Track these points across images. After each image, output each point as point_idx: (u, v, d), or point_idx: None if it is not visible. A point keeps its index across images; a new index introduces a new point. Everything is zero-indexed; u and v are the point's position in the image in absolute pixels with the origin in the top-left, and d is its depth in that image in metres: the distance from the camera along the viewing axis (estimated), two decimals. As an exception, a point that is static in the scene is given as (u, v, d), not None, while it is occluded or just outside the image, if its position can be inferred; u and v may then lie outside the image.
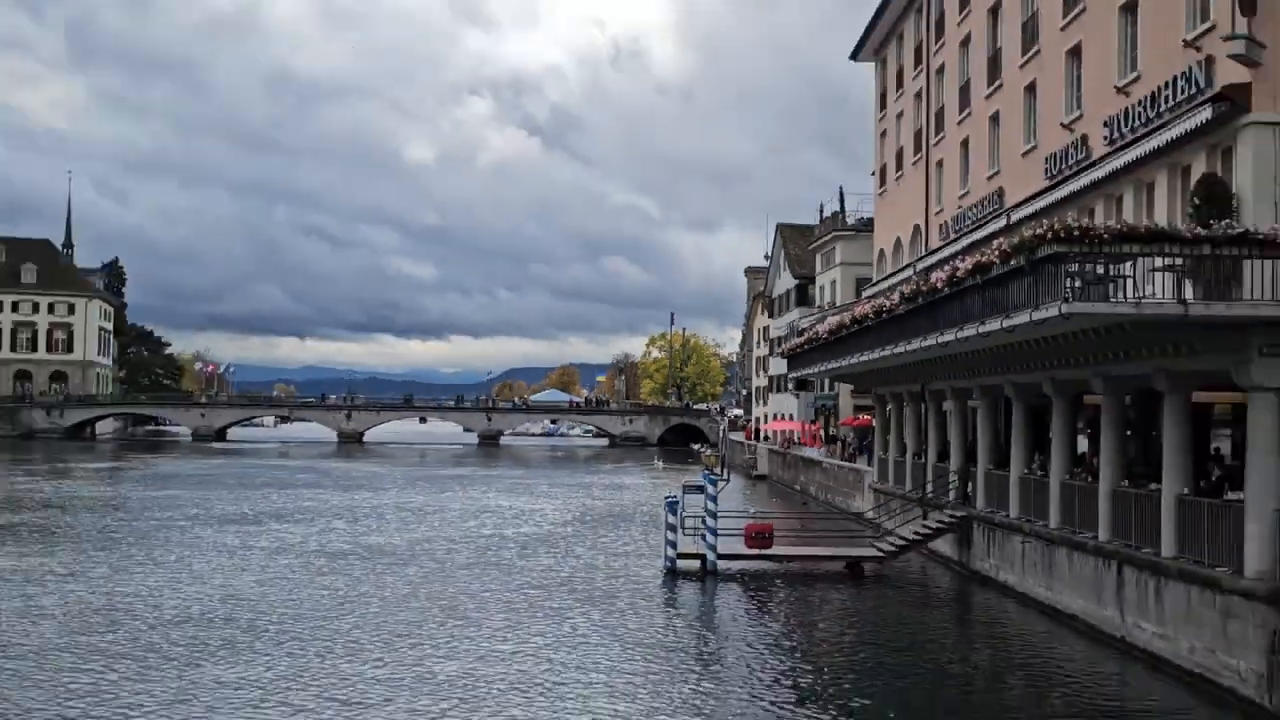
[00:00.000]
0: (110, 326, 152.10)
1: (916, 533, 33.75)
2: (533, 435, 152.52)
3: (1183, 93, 22.25)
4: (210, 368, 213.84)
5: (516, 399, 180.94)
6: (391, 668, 19.90)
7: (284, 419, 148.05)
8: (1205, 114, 20.94)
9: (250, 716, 16.67)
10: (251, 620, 23.85)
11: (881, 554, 32.98)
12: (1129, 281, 19.10)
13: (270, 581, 29.03)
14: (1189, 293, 18.50)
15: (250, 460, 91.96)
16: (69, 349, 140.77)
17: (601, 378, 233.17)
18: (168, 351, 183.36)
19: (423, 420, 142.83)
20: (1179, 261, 18.75)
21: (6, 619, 23.56)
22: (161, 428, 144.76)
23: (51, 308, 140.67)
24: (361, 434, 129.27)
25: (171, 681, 18.62)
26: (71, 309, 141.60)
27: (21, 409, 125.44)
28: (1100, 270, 18.97)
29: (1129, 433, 25.37)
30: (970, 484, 33.18)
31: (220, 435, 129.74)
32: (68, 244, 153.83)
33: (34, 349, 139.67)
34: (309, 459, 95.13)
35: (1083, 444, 28.76)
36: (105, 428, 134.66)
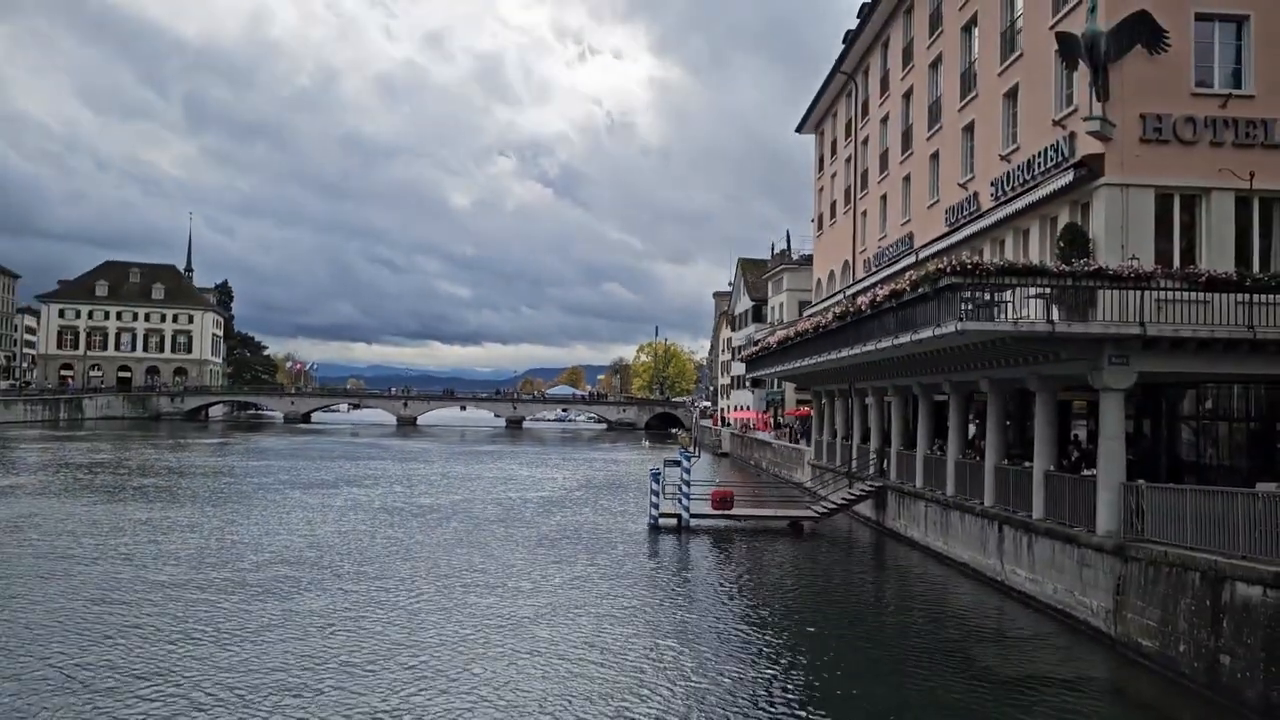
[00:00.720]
0: (221, 333, 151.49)
1: (844, 498, 33.79)
2: (548, 420, 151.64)
3: (1051, 160, 22.33)
4: (298, 366, 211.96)
5: (535, 392, 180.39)
6: (440, 600, 19.89)
7: (355, 406, 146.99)
8: (1069, 177, 21.04)
9: (331, 637, 16.65)
10: (330, 563, 23.78)
11: (817, 515, 33.02)
12: (1009, 305, 19.21)
13: (345, 532, 28.95)
14: (1055, 315, 18.58)
15: (329, 438, 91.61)
16: (189, 350, 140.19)
17: (602, 376, 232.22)
18: (265, 353, 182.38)
19: (463, 408, 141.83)
20: (1048, 290, 18.82)
21: (143, 559, 23.50)
22: (260, 412, 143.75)
23: (175, 318, 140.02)
24: (415, 418, 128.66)
25: (271, 609, 18.60)
26: (191, 319, 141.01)
27: (151, 396, 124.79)
28: (987, 297, 19.04)
29: (1008, 422, 25.45)
30: (885, 461, 33.23)
31: (306, 418, 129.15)
32: (189, 268, 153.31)
33: (161, 350, 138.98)
34: (374, 437, 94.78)
35: (973, 430, 28.84)
36: (216, 412, 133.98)
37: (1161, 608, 15.53)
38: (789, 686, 14.70)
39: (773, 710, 13.49)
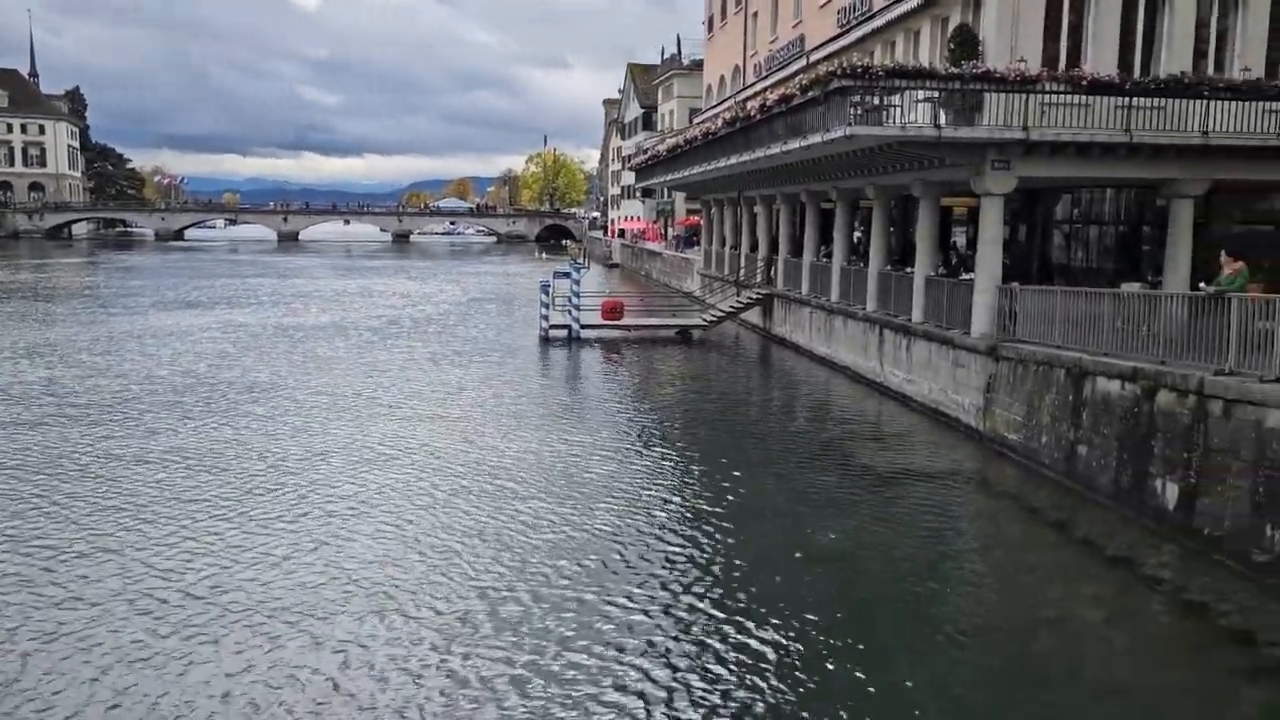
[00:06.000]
0: (77, 145, 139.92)
1: (732, 306, 34.19)
2: (436, 234, 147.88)
3: (946, -43, 21.59)
4: (167, 179, 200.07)
5: (422, 205, 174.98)
6: (341, 412, 19.48)
7: (232, 221, 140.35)
8: (962, -25, 20.43)
9: (220, 460, 16.16)
10: (215, 386, 22.85)
11: (705, 323, 33.42)
12: (898, 110, 18.89)
13: (228, 353, 27.77)
14: (942, 119, 18.39)
15: (206, 255, 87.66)
16: (42, 164, 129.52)
17: (490, 188, 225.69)
18: (129, 166, 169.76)
19: (346, 222, 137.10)
20: (936, 94, 18.54)
21: (34, 389, 22.22)
22: (129, 229, 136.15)
23: (24, 128, 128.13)
24: (297, 234, 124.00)
25: (162, 435, 17.93)
26: (42, 129, 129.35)
27: (7, 213, 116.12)
28: (876, 101, 18.70)
29: (892, 229, 25.74)
30: (773, 269, 33.54)
31: (179, 235, 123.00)
32: (33, 73, 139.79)
33: (11, 164, 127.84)
34: (254, 254, 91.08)
35: (858, 238, 29.14)
36: (80, 229, 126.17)
37: (1027, 403, 16.30)
38: (672, 480, 15.04)
39: (655, 502, 13.81)
